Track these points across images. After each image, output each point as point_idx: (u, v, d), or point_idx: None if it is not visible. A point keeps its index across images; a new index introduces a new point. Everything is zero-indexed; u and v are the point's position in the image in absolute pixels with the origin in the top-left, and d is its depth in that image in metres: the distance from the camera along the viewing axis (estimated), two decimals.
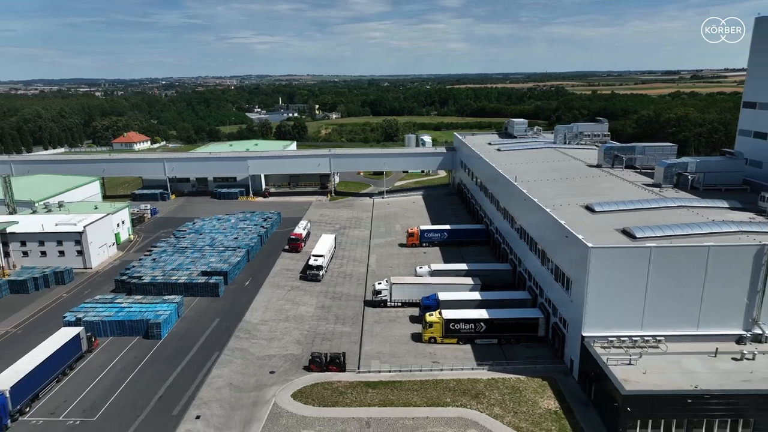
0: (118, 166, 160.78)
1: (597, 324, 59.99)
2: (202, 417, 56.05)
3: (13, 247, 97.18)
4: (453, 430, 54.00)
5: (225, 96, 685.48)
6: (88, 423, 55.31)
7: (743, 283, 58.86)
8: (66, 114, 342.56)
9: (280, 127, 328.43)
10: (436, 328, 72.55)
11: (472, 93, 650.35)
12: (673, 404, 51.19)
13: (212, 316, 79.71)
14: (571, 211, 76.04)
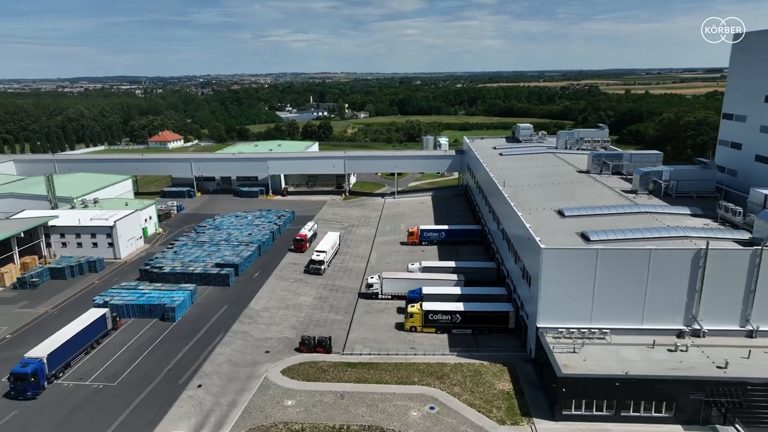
0: (150, 165, 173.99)
1: (549, 317, 67.33)
2: (203, 386, 66.04)
3: (53, 238, 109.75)
4: (414, 403, 62.44)
5: (258, 95, 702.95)
6: (109, 387, 66.01)
7: (683, 283, 65.30)
8: (107, 113, 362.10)
9: (307, 126, 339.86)
10: (416, 318, 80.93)
11: (502, 92, 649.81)
12: (603, 387, 58.37)
13: (221, 303, 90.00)
14: (544, 215, 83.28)
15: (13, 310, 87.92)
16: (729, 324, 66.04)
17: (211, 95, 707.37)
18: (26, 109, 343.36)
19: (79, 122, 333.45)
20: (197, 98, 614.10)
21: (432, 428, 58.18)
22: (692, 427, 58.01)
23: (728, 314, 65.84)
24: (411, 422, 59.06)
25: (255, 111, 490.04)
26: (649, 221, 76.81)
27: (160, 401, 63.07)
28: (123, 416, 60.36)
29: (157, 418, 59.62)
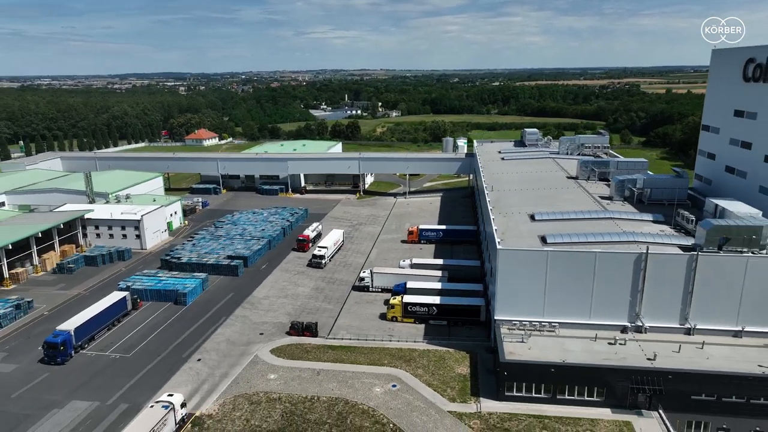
0: (180, 164, 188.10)
1: (505, 310, 75.29)
2: (202, 360, 77.07)
3: (89, 230, 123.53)
4: (379, 381, 71.66)
5: (295, 92, 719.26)
6: (125, 358, 77.84)
7: (626, 283, 72.24)
8: (148, 111, 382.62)
9: (336, 126, 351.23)
10: (396, 309, 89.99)
11: (537, 91, 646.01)
12: (541, 372, 66.21)
13: (228, 291, 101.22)
14: (517, 219, 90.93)
15: (52, 291, 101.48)
16: (669, 322, 72.58)
17: (251, 93, 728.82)
18: (76, 108, 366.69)
19: (123, 120, 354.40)
20: (236, 96, 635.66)
21: (390, 402, 67.33)
22: (620, 410, 65.18)
23: (669, 313, 72.41)
24: (373, 396, 68.35)
25: (289, 109, 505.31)
26: (609, 227, 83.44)
27: (164, 370, 74.42)
28: (133, 381, 71.90)
29: (160, 384, 70.85)
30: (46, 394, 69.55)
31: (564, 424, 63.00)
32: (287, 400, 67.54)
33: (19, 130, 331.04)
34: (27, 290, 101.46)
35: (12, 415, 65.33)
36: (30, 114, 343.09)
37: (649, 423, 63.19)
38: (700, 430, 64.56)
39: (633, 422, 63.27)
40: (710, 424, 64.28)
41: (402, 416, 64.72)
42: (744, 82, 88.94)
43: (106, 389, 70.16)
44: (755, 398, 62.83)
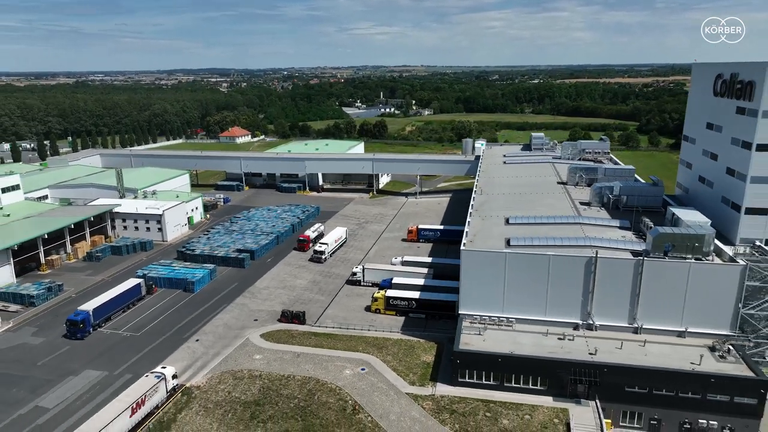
0: (207, 162, 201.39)
1: (468, 305, 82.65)
2: (200, 341, 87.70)
3: (117, 222, 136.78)
4: (351, 365, 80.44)
5: (332, 90, 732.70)
6: (134, 336, 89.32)
7: (578, 284, 78.56)
8: (187, 109, 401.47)
9: (363, 125, 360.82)
10: (380, 302, 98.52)
11: (573, 90, 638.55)
12: (489, 361, 73.52)
13: (234, 281, 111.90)
14: (493, 222, 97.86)
15: (80, 277, 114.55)
16: (619, 321, 78.53)
17: (289, 90, 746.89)
18: (121, 105, 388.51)
19: (163, 117, 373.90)
20: (274, 93, 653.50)
21: (356, 383, 76.05)
22: (561, 399, 71.92)
23: (618, 313, 78.35)
24: (342, 377, 77.21)
25: (323, 107, 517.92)
26: (575, 231, 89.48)
27: (166, 348, 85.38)
28: (138, 355, 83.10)
29: (161, 359, 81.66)
30: (66, 363, 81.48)
31: (507, 409, 70.32)
32: (266, 377, 77.15)
33: (68, 126, 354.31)
34: (59, 275, 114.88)
35: (36, 379, 77.37)
36: (79, 111, 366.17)
37: (584, 411, 69.82)
38: (634, 420, 70.72)
39: (570, 410, 70.01)
40: (643, 415, 70.35)
41: (364, 395, 73.38)
42: (713, 96, 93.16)
43: (115, 361, 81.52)
44: (683, 392, 68.48)
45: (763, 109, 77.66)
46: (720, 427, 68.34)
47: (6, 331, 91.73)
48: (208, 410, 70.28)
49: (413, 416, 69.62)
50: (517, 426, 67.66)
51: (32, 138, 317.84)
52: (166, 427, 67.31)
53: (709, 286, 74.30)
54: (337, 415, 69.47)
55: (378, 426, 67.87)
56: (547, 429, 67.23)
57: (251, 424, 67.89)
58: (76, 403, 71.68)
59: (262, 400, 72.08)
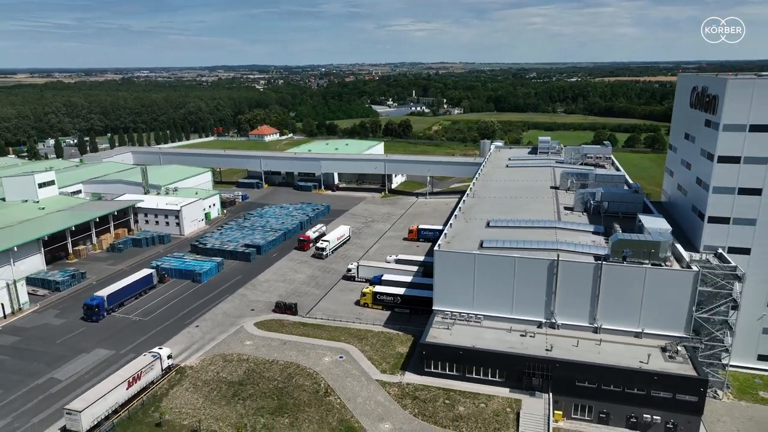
0: (229, 160, 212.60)
1: (442, 302, 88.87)
2: (199, 326, 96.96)
3: (139, 216, 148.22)
4: (330, 353, 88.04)
5: (365, 88, 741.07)
6: (143, 320, 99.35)
7: (542, 285, 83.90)
8: (221, 107, 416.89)
9: (388, 124, 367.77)
10: (368, 297, 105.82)
11: (608, 89, 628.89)
12: (451, 353, 79.79)
13: (238, 274, 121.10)
14: (475, 224, 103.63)
15: (102, 266, 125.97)
16: (580, 320, 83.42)
17: (323, 87, 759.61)
18: (158, 103, 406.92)
19: (197, 115, 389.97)
20: (308, 91, 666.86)
21: (332, 369, 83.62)
22: (517, 391, 77.70)
23: (579, 313, 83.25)
24: (320, 363, 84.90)
25: (353, 106, 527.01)
26: (548, 235, 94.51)
27: (169, 332, 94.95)
28: (144, 338, 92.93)
29: (162, 342, 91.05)
30: (80, 342, 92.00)
31: (465, 397, 76.65)
32: (253, 360, 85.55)
33: (109, 123, 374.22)
34: (84, 264, 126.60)
35: (53, 355, 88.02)
36: (119, 109, 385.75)
37: (536, 401, 75.50)
38: (585, 413, 75.93)
39: (523, 400, 75.81)
40: (593, 409, 75.51)
41: (337, 380, 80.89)
42: (689, 107, 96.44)
43: (123, 342, 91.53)
44: (630, 388, 73.31)
45: (724, 122, 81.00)
46: (663, 423, 72.97)
47: (33, 312, 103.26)
48: (197, 387, 79.10)
49: (378, 400, 76.74)
50: (472, 413, 73.93)
51: (76, 134, 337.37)
52: (159, 400, 76.40)
53: (665, 290, 78.55)
54: (310, 397, 77.18)
55: (345, 407, 75.25)
56: (498, 417, 73.28)
57: (232, 400, 76.30)
58: (85, 377, 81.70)
59: (245, 381, 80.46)
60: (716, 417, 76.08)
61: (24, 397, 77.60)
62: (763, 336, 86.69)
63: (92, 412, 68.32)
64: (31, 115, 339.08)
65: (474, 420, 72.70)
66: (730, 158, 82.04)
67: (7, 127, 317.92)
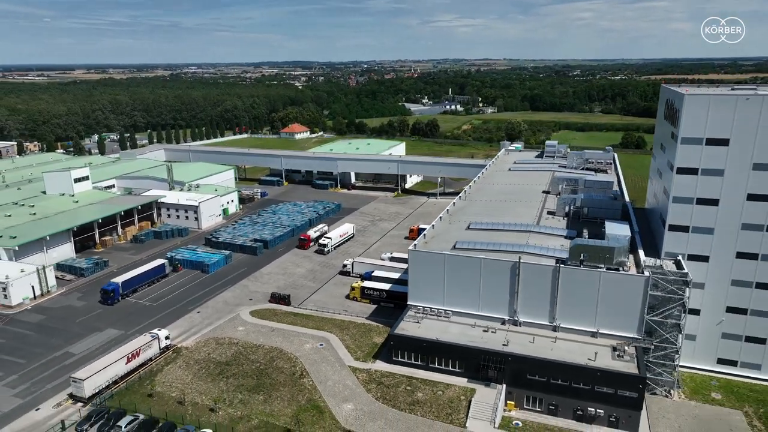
0: (253, 159, 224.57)
1: (416, 298, 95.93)
2: (200, 313, 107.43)
3: (162, 211, 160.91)
4: (312, 340, 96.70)
5: (402, 85, 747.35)
6: (152, 305, 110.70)
7: (505, 285, 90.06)
8: (256, 105, 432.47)
9: (416, 123, 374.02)
10: (356, 291, 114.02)
11: (650, 89, 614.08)
12: (415, 345, 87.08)
13: (244, 266, 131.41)
14: (458, 226, 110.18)
15: (124, 255, 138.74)
16: (540, 319, 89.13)
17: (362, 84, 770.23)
18: (197, 101, 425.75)
19: (233, 113, 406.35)
20: (345, 88, 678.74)
21: (311, 355, 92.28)
22: (474, 381, 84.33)
23: (540, 312, 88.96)
24: (301, 349, 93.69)
25: (386, 104, 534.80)
26: (522, 238, 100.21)
27: (172, 316, 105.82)
28: (150, 320, 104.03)
29: (165, 324, 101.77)
30: (95, 322, 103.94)
31: (425, 385, 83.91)
32: (242, 344, 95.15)
33: (151, 120, 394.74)
34: (109, 253, 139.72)
35: (71, 332, 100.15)
36: (160, 106, 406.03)
37: (489, 391, 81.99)
38: (535, 404, 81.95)
39: (478, 390, 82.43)
40: (543, 401, 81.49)
41: (313, 365, 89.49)
42: (663, 119, 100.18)
43: (131, 324, 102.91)
44: (576, 383, 78.98)
45: (682, 135, 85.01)
46: (607, 416, 78.37)
47: (60, 295, 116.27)
48: (189, 366, 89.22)
49: (346, 384, 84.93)
50: (428, 399, 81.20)
51: (120, 130, 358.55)
52: (154, 375, 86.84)
53: (618, 293, 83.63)
54: (286, 378, 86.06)
55: (315, 389, 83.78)
56: (452, 403, 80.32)
57: (217, 378, 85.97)
58: (95, 352, 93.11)
59: (231, 362, 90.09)
60: (662, 414, 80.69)
61: (42, 367, 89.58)
62: (722, 340, 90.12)
63: (94, 381, 79.21)
64: (80, 112, 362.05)
65: (429, 405, 79.95)
66: (689, 170, 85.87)
67: (58, 123, 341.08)
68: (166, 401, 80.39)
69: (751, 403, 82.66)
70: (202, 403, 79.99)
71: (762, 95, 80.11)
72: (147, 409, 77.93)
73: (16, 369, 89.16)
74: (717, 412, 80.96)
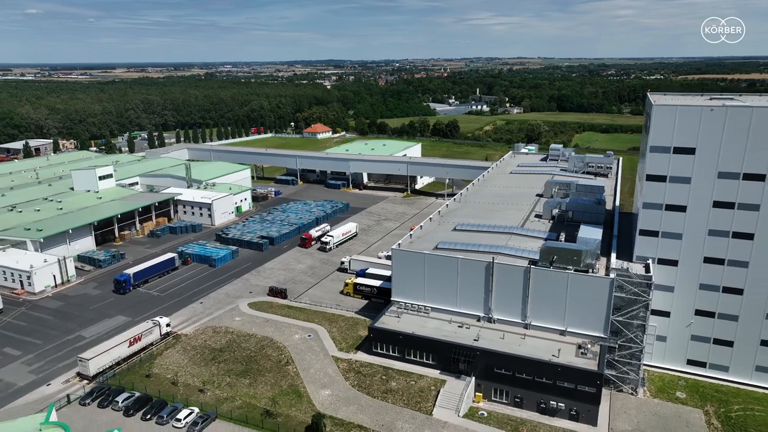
0: (270, 158, 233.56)
1: (399, 294, 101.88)
2: (202, 303, 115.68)
3: (179, 207, 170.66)
4: (301, 331, 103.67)
5: (430, 85, 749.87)
6: (160, 295, 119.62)
7: (480, 284, 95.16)
8: (281, 105, 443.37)
9: (436, 124, 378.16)
10: (349, 287, 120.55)
11: (685, 89, 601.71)
12: (392, 338, 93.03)
13: (249, 261, 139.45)
14: (446, 227, 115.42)
15: (141, 249, 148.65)
16: (513, 317, 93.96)
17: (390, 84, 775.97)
18: (225, 101, 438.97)
19: (259, 113, 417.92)
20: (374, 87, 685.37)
21: (298, 345, 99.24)
22: (446, 373, 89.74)
23: (512, 310, 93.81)
24: (290, 340, 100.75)
25: (411, 105, 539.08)
26: (502, 240, 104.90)
27: (178, 306, 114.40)
28: (156, 309, 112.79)
29: (169, 313, 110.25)
30: (107, 309, 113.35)
31: (400, 375, 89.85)
32: (236, 333, 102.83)
33: (181, 119, 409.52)
34: (127, 246, 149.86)
35: (85, 317, 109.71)
36: (190, 106, 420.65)
37: (458, 383, 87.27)
38: (502, 396, 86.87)
39: (448, 381, 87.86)
40: (509, 393, 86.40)
41: (299, 354, 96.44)
42: (644, 129, 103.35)
43: (139, 311, 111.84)
44: (539, 378, 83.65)
45: (651, 144, 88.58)
46: (568, 409, 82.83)
47: (78, 284, 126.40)
48: (186, 351, 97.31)
49: (327, 372, 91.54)
50: (401, 388, 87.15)
51: (151, 129, 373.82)
52: (154, 358, 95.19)
53: (585, 294, 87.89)
54: (272, 365, 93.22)
55: (298, 375, 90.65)
56: (422, 392, 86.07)
57: (210, 363, 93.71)
58: (105, 336, 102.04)
59: (225, 349, 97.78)
60: (624, 410, 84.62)
61: (56, 348, 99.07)
62: (692, 342, 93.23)
63: (98, 361, 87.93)
64: (114, 111, 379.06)
65: (401, 394, 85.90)
66: (658, 177, 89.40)
67: (93, 122, 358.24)
68: (161, 381, 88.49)
69: (714, 402, 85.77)
70: (193, 385, 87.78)
71: (727, 107, 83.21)
72: (143, 387, 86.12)
73: (33, 349, 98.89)
74: (678, 410, 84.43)
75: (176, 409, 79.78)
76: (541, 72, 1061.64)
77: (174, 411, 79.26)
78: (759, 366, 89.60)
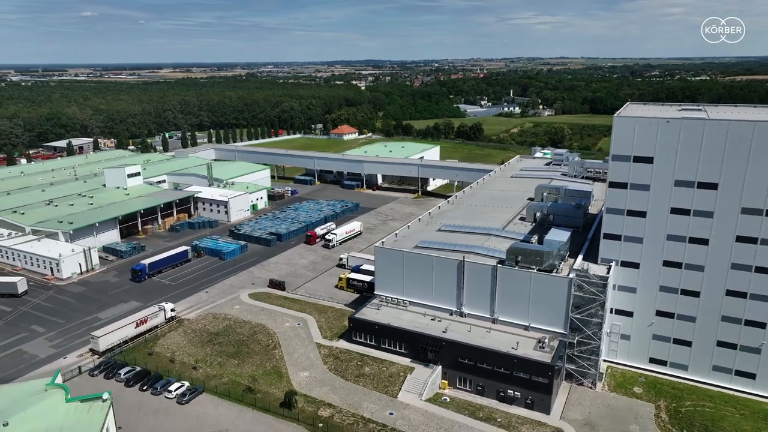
0: (290, 159, 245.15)
1: (381, 288, 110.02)
2: (208, 292, 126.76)
3: (199, 204, 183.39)
4: (292, 320, 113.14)
5: (464, 86, 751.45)
6: (172, 284, 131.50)
7: (453, 281, 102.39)
8: (312, 107, 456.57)
9: (460, 126, 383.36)
10: (343, 281, 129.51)
11: (725, 92, 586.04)
12: (369, 327, 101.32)
13: (256, 255, 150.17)
14: (431, 228, 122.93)
15: (160, 242, 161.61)
16: (482, 312, 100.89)
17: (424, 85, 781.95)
18: (258, 102, 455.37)
19: (290, 114, 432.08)
20: (407, 89, 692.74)
21: (287, 332, 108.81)
22: (416, 361, 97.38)
23: (482, 305, 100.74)
24: (280, 327, 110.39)
25: (441, 106, 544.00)
26: (480, 241, 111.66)
27: (185, 294, 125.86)
28: (166, 296, 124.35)
29: (176, 300, 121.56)
30: (123, 295, 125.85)
31: (374, 362, 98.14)
32: (233, 320, 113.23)
33: (215, 119, 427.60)
34: (148, 240, 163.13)
35: (103, 302, 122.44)
36: (225, 107, 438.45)
37: (425, 370, 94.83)
38: (466, 384, 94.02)
39: (416, 368, 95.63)
40: (472, 382, 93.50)
41: (286, 340, 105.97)
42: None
43: (150, 297, 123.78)
44: (498, 368, 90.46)
45: (613, 153, 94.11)
46: (524, 398, 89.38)
47: (101, 272, 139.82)
48: (186, 333, 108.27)
49: (309, 357, 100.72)
50: (373, 373, 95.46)
51: (187, 129, 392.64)
52: (158, 339, 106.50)
53: (546, 292, 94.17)
54: (261, 349, 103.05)
55: (282, 359, 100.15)
56: (392, 378, 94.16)
57: (206, 345, 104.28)
58: (117, 318, 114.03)
59: (221, 333, 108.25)
60: (579, 402, 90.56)
61: (76, 327, 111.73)
62: (653, 341, 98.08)
63: (107, 339, 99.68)
64: (153, 111, 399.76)
65: (372, 378, 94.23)
66: (619, 184, 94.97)
67: (133, 122, 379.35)
68: (161, 359, 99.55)
69: (668, 398, 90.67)
70: (188, 363, 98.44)
71: (681, 119, 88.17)
72: (144, 363, 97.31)
73: (56, 327, 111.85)
74: (631, 404, 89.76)
75: (169, 382, 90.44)
76: (581, 72, 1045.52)
77: (167, 384, 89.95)
78: (716, 366, 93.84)
